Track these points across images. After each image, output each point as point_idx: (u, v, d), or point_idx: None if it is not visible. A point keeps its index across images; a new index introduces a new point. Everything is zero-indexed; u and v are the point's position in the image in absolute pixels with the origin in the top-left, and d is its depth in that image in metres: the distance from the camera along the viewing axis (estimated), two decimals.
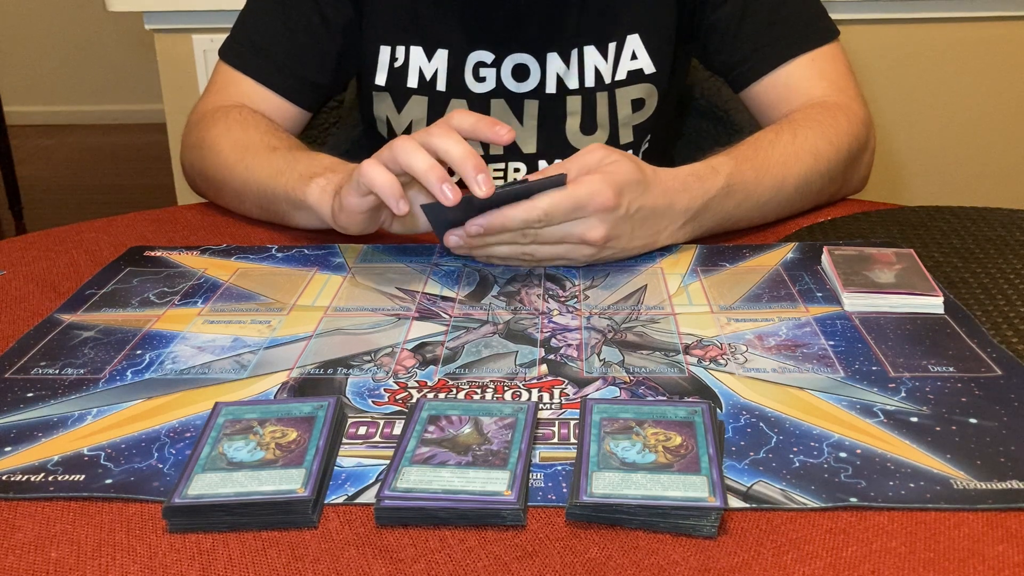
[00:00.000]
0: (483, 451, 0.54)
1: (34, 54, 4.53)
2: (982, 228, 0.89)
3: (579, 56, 1.03)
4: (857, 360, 0.65)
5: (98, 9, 1.89)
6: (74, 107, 4.62)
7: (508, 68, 1.03)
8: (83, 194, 3.73)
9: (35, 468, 0.55)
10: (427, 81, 1.04)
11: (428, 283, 0.80)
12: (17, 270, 0.84)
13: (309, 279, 0.81)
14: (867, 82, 1.74)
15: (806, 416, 0.58)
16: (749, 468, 0.53)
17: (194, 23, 1.71)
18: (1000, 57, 1.82)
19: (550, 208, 0.74)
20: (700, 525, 0.49)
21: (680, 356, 0.66)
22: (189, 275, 0.82)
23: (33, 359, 0.68)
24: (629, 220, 0.78)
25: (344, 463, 0.55)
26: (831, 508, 0.50)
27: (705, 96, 1.26)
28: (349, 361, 0.66)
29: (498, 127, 0.73)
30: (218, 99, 1.02)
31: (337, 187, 0.81)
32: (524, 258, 0.80)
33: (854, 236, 0.87)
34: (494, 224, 0.75)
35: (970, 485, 0.52)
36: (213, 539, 0.49)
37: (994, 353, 0.65)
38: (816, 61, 1.00)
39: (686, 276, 0.80)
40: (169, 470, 0.54)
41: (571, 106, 1.05)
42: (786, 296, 0.75)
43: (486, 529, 0.50)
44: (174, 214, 0.99)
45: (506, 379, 0.64)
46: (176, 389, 0.63)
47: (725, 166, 0.84)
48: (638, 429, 0.55)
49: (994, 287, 0.76)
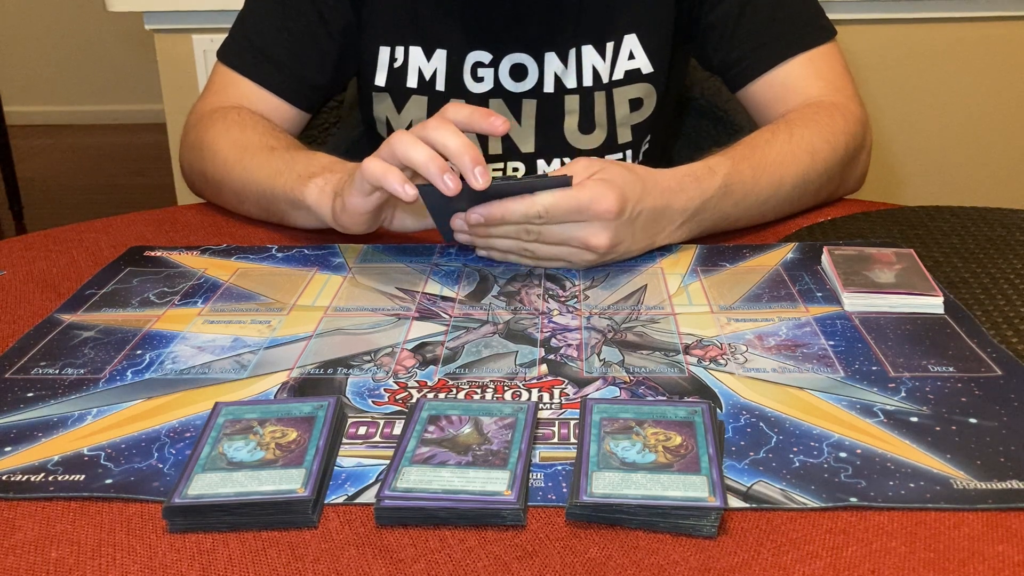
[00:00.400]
0: (483, 451, 0.54)
1: (34, 54, 4.53)
2: (982, 228, 0.89)
3: (577, 56, 1.03)
4: (857, 360, 0.65)
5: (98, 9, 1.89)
6: (74, 107, 4.62)
7: (506, 68, 1.03)
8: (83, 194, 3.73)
9: (35, 468, 0.55)
10: (426, 81, 1.04)
11: (428, 283, 0.80)
12: (17, 270, 0.84)
13: (309, 279, 0.81)
14: (866, 82, 1.74)
15: (806, 416, 0.58)
16: (749, 468, 0.54)
17: (194, 23, 1.71)
18: (1000, 57, 1.82)
19: (551, 206, 0.75)
20: (700, 525, 0.49)
21: (680, 356, 0.66)
22: (189, 275, 0.82)
23: (33, 359, 0.68)
24: (632, 225, 0.78)
25: (344, 463, 0.55)
26: (831, 508, 0.50)
27: (705, 96, 1.26)
28: (349, 361, 0.66)
29: (492, 118, 0.74)
30: (216, 100, 1.02)
31: (336, 187, 0.81)
32: (525, 255, 0.80)
33: (854, 236, 0.87)
34: (494, 215, 0.76)
35: (970, 485, 0.52)
36: (213, 539, 0.49)
37: (994, 353, 0.65)
38: (813, 60, 1.00)
39: (686, 276, 0.80)
40: (169, 470, 0.54)
41: (569, 105, 1.05)
42: (786, 296, 0.75)
43: (486, 529, 0.50)
44: (174, 214, 0.99)
45: (506, 379, 0.64)
46: (176, 389, 0.63)
47: (722, 166, 0.85)
48: (638, 429, 0.55)
49: (994, 287, 0.76)
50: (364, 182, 0.74)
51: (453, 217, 0.79)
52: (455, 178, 0.71)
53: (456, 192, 0.71)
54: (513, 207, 0.75)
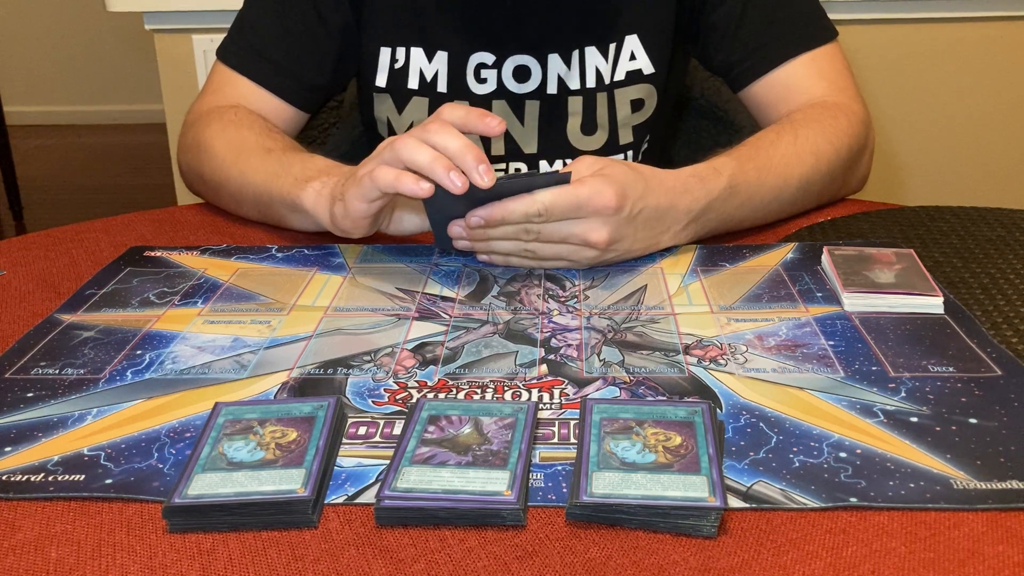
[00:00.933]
0: (483, 451, 0.54)
1: (34, 54, 4.53)
2: (982, 228, 0.89)
3: (580, 57, 1.03)
4: (857, 360, 0.65)
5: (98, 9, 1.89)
6: (74, 107, 4.62)
7: (509, 69, 1.03)
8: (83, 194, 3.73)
9: (35, 468, 0.55)
10: (428, 82, 1.04)
11: (428, 283, 0.80)
12: (17, 270, 0.84)
13: (309, 279, 0.81)
14: (867, 82, 1.74)
15: (806, 416, 0.58)
16: (749, 468, 0.53)
17: (194, 23, 1.71)
18: (1000, 57, 1.82)
19: (550, 203, 0.75)
20: (700, 525, 0.49)
21: (680, 356, 0.66)
22: (189, 275, 0.82)
23: (33, 359, 0.68)
24: (632, 222, 0.78)
25: (344, 463, 0.55)
26: (831, 508, 0.50)
27: (705, 96, 1.26)
28: (349, 361, 0.66)
29: (488, 118, 0.74)
30: (214, 99, 1.02)
31: (333, 191, 0.81)
32: (526, 255, 0.80)
33: (854, 236, 0.87)
34: (494, 215, 0.76)
35: (970, 485, 0.52)
36: (213, 539, 0.49)
37: (994, 353, 0.65)
38: (815, 61, 1.00)
39: (686, 276, 0.80)
40: (169, 470, 0.54)
41: (572, 106, 1.05)
42: (786, 296, 0.75)
43: (486, 529, 0.50)
44: (174, 214, 0.99)
45: (506, 379, 0.64)
46: (176, 389, 0.63)
47: (727, 167, 0.84)
48: (638, 429, 0.55)
49: (994, 287, 0.76)
50: (373, 188, 0.74)
51: (451, 224, 0.79)
52: (461, 176, 0.71)
53: (464, 190, 0.71)
54: (513, 207, 0.75)
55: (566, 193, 0.75)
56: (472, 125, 0.74)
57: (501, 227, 0.77)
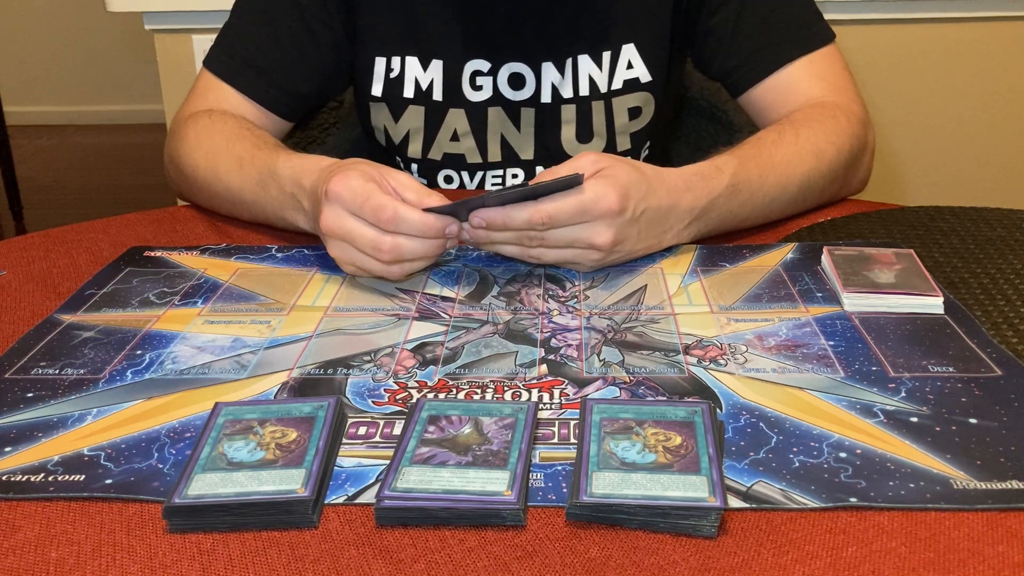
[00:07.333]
0: (483, 451, 0.54)
1: (34, 54, 4.52)
2: (982, 228, 0.89)
3: (573, 65, 1.03)
4: (857, 360, 0.65)
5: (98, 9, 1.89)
6: (74, 107, 4.62)
7: (504, 77, 1.03)
8: (83, 194, 3.73)
9: (35, 468, 0.55)
10: (423, 91, 1.04)
11: (428, 283, 0.80)
12: (17, 270, 0.84)
13: (309, 279, 0.81)
14: (867, 82, 1.74)
15: (806, 416, 0.58)
16: (749, 468, 0.54)
17: (194, 23, 1.71)
18: (1000, 57, 1.82)
19: (555, 212, 0.74)
20: (700, 525, 0.49)
21: (680, 356, 0.66)
22: (189, 275, 0.82)
23: (33, 359, 0.68)
24: (636, 223, 0.78)
25: (344, 463, 0.55)
26: (831, 508, 0.50)
27: (704, 96, 1.26)
28: (349, 361, 0.66)
29: (446, 225, 0.75)
30: (195, 105, 1.02)
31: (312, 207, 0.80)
32: (530, 259, 0.80)
33: (854, 236, 0.87)
34: (496, 220, 0.75)
35: (970, 485, 0.52)
36: (213, 539, 0.49)
37: (994, 353, 0.65)
38: (814, 63, 1.00)
39: (686, 276, 0.80)
40: (169, 470, 0.54)
41: (566, 115, 1.05)
42: (786, 296, 0.75)
43: (486, 529, 0.50)
44: (174, 214, 0.99)
45: (506, 379, 0.64)
46: (176, 389, 0.63)
47: (729, 165, 0.84)
48: (638, 429, 0.55)
49: (994, 287, 0.76)
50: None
51: (450, 225, 0.78)
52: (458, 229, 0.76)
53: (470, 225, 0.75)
54: (516, 214, 0.74)
55: (569, 200, 0.74)
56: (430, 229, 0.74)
57: (504, 232, 0.77)
